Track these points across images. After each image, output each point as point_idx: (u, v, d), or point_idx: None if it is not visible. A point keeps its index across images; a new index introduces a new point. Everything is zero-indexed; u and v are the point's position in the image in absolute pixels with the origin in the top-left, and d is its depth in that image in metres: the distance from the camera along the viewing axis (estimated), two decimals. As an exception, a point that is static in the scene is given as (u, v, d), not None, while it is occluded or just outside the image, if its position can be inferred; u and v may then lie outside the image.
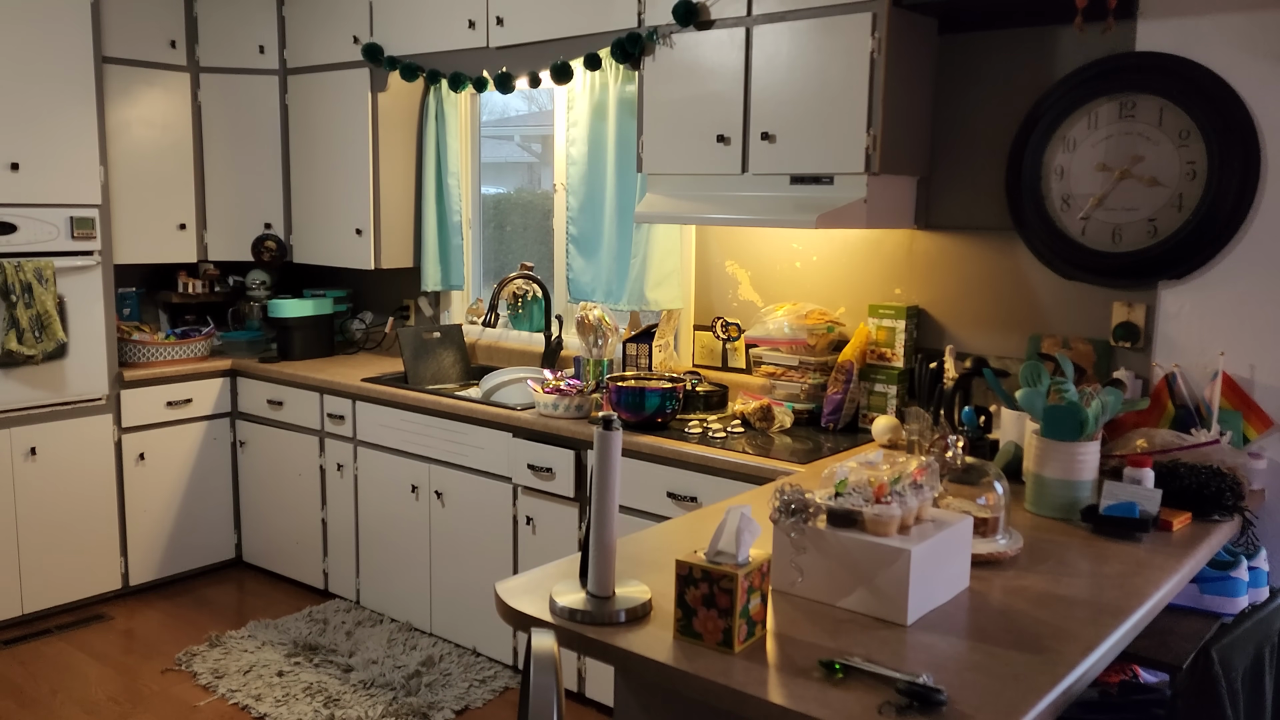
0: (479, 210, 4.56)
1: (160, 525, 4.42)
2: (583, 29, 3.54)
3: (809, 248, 3.45)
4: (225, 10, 4.53)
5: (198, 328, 4.69)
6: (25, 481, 4.00)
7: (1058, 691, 1.49)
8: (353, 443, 4.07)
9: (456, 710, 3.39)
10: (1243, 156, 2.61)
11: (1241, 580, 2.30)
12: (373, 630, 3.93)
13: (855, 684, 1.47)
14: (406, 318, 4.73)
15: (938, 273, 3.20)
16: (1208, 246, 2.68)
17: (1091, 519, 2.22)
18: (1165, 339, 2.79)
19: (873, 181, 2.93)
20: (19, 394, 3.95)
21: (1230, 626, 1.98)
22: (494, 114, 4.63)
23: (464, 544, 3.71)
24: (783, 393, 3.33)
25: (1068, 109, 2.87)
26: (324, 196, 4.54)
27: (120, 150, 4.32)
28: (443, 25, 3.97)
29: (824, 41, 2.93)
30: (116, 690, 3.57)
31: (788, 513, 1.75)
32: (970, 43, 3.06)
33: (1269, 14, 2.57)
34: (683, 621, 1.61)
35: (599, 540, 1.68)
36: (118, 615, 4.19)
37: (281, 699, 3.45)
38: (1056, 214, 2.92)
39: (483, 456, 3.59)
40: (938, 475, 1.91)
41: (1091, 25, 2.62)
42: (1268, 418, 2.63)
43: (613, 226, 3.77)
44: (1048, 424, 2.33)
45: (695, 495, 2.98)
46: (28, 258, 3.90)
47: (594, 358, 3.61)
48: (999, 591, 1.85)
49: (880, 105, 2.85)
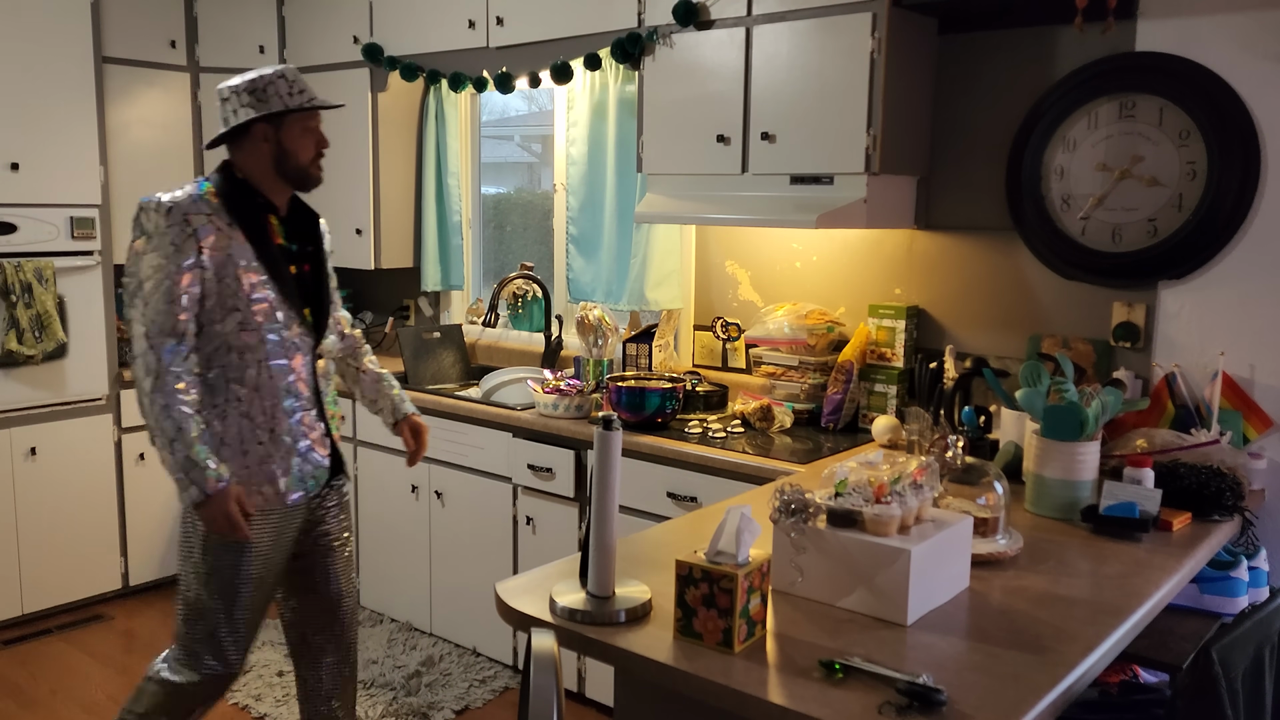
0: (479, 210, 4.56)
1: (160, 525, 4.42)
2: (583, 29, 3.54)
3: (809, 248, 3.45)
4: (225, 10, 4.53)
5: (198, 328, 4.69)
6: (25, 481, 4.00)
7: (1058, 691, 1.49)
8: (353, 443, 4.07)
9: (456, 710, 3.39)
10: (1243, 156, 2.61)
11: (1241, 580, 2.30)
12: (373, 630, 3.93)
13: (855, 684, 1.47)
14: (406, 318, 4.73)
15: (938, 273, 3.19)
16: (1208, 246, 2.68)
17: (1091, 519, 2.22)
18: (1165, 339, 2.79)
19: (873, 181, 2.93)
20: (19, 394, 3.95)
21: (1230, 626, 1.98)
22: (494, 114, 4.63)
23: (464, 544, 3.71)
24: (783, 393, 3.33)
25: (1068, 109, 2.87)
26: (324, 196, 4.52)
27: (120, 150, 4.32)
28: (443, 25, 3.97)
29: (824, 41, 2.93)
30: (116, 690, 3.57)
31: (788, 513, 1.75)
32: (970, 43, 3.06)
33: (1269, 14, 2.57)
34: (683, 621, 1.61)
35: (599, 540, 1.68)
36: (118, 615, 4.19)
37: (281, 699, 3.45)
38: (1056, 214, 2.92)
39: (483, 456, 3.58)
40: (938, 475, 1.91)
41: (1091, 25, 2.62)
42: (1268, 418, 2.63)
43: (613, 226, 3.77)
44: (1048, 424, 2.33)
45: (695, 495, 2.98)
46: (28, 258, 3.90)
47: (594, 358, 3.61)
48: (999, 591, 1.85)
49: (880, 105, 2.85)
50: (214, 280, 2.34)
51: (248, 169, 2.46)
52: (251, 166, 2.46)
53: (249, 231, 2.40)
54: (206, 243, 2.33)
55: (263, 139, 2.43)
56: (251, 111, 2.40)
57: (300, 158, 2.47)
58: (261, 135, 2.43)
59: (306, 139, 2.47)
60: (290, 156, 2.45)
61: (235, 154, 2.47)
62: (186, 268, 2.31)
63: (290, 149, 2.45)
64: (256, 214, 2.44)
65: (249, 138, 2.44)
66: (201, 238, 2.33)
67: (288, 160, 2.46)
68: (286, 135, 2.44)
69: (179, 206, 2.33)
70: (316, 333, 2.55)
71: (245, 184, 2.45)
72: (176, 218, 2.32)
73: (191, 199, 2.35)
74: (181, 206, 2.33)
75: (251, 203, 2.44)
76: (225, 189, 2.42)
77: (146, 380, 2.28)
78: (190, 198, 2.36)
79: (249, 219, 2.42)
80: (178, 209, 2.33)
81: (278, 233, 2.49)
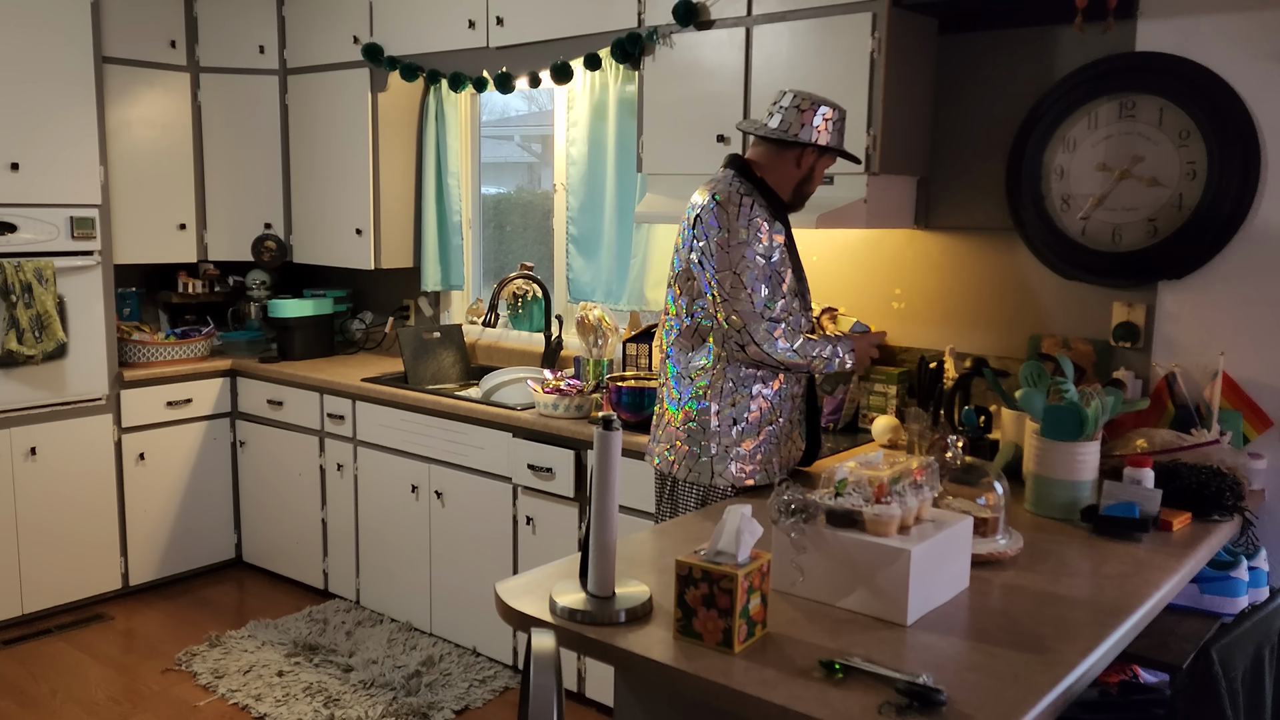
0: (479, 210, 4.56)
1: (160, 525, 4.42)
2: (583, 29, 3.54)
3: (809, 248, 3.45)
4: (225, 10, 4.53)
5: (198, 328, 4.69)
6: (25, 481, 4.00)
7: (1058, 691, 1.49)
8: (353, 443, 4.07)
9: (456, 710, 3.39)
10: (1243, 156, 2.61)
11: (1241, 580, 2.30)
12: (373, 630, 3.93)
13: (855, 684, 1.48)
14: (406, 318, 4.73)
15: (938, 273, 3.19)
16: (1208, 246, 2.68)
17: (1091, 519, 2.22)
18: (1165, 339, 2.79)
19: (873, 181, 2.93)
20: (19, 394, 3.95)
21: (1230, 626, 1.98)
22: (494, 114, 4.62)
23: (464, 544, 3.71)
24: (783, 393, 3.32)
25: (1068, 109, 2.87)
26: (324, 196, 4.54)
27: (120, 150, 4.32)
28: (443, 25, 3.97)
29: (824, 41, 2.93)
30: (116, 690, 3.57)
31: (788, 513, 1.75)
32: (970, 43, 3.06)
33: (1269, 14, 2.57)
34: (683, 621, 1.61)
35: (599, 540, 1.68)
36: (118, 615, 4.19)
37: (281, 699, 3.45)
38: (1056, 214, 2.92)
39: (483, 456, 3.58)
40: (938, 475, 1.91)
41: (1091, 25, 2.62)
42: (1268, 418, 2.63)
43: (613, 226, 3.77)
44: (1048, 424, 2.32)
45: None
46: (28, 258, 3.90)
47: (594, 358, 3.61)
48: (999, 591, 1.85)
49: (880, 105, 2.85)
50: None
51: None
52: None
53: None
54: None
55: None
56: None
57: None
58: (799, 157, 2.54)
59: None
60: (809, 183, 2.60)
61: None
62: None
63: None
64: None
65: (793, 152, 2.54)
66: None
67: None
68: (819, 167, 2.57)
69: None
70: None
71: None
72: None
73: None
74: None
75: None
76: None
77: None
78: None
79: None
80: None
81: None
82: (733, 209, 2.42)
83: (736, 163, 2.54)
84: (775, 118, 2.50)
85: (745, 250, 2.41)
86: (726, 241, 2.41)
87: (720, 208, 2.43)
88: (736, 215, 2.42)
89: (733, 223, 2.41)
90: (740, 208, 2.42)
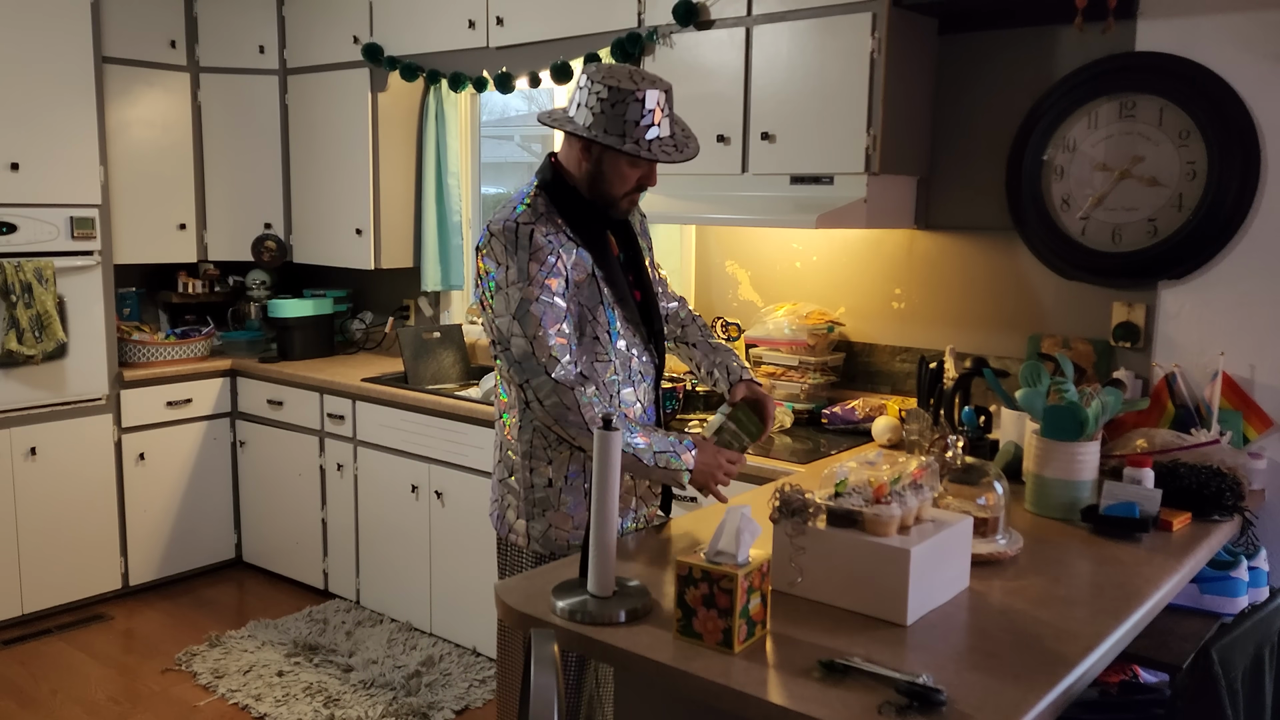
0: (479, 210, 4.56)
1: (160, 525, 4.42)
2: (583, 29, 3.54)
3: (809, 248, 3.45)
4: (225, 10, 4.53)
5: (198, 328, 4.69)
6: (25, 481, 4.00)
7: (1058, 691, 1.48)
8: (353, 443, 4.07)
9: (456, 710, 3.39)
10: (1243, 156, 2.61)
11: (1241, 580, 2.30)
12: (373, 630, 3.93)
13: (855, 684, 1.47)
14: (406, 318, 4.73)
15: (938, 273, 3.19)
16: (1208, 246, 2.68)
17: (1091, 519, 2.22)
18: (1165, 339, 2.79)
19: (873, 181, 2.93)
20: (19, 394, 3.95)
21: (1230, 626, 1.98)
22: (494, 114, 4.63)
23: (464, 544, 3.70)
24: (783, 393, 3.32)
25: (1068, 109, 2.87)
26: (324, 196, 4.54)
27: (120, 150, 4.32)
28: (443, 25, 3.97)
29: (824, 41, 2.93)
30: (116, 690, 3.57)
31: (788, 513, 1.75)
32: (970, 43, 3.06)
33: (1269, 14, 2.57)
34: (683, 621, 1.61)
35: (599, 540, 1.68)
36: (118, 615, 4.19)
37: (281, 699, 3.45)
38: (1056, 214, 2.92)
39: (483, 456, 3.58)
40: (938, 475, 1.91)
41: (1091, 25, 2.62)
42: (1268, 418, 2.63)
43: (613, 226, 3.76)
44: (1048, 424, 2.32)
45: (695, 495, 2.98)
46: (28, 258, 3.90)
47: (594, 358, 3.60)
48: (999, 591, 1.85)
49: (880, 105, 2.85)
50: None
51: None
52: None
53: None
54: None
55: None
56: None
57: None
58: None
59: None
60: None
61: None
62: None
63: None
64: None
65: None
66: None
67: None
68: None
69: None
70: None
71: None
72: None
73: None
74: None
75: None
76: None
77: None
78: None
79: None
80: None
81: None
82: (509, 240, 2.02)
83: (548, 165, 2.15)
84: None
85: (524, 290, 2.00)
86: (504, 280, 2.02)
87: (494, 239, 2.04)
88: (514, 249, 2.01)
89: (508, 258, 2.02)
90: (517, 238, 2.02)
